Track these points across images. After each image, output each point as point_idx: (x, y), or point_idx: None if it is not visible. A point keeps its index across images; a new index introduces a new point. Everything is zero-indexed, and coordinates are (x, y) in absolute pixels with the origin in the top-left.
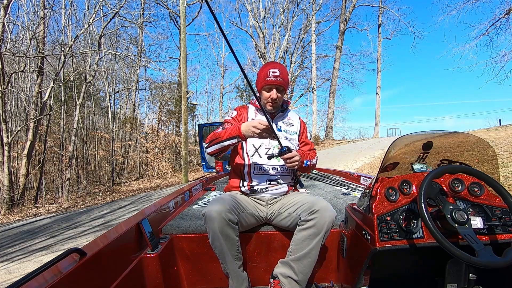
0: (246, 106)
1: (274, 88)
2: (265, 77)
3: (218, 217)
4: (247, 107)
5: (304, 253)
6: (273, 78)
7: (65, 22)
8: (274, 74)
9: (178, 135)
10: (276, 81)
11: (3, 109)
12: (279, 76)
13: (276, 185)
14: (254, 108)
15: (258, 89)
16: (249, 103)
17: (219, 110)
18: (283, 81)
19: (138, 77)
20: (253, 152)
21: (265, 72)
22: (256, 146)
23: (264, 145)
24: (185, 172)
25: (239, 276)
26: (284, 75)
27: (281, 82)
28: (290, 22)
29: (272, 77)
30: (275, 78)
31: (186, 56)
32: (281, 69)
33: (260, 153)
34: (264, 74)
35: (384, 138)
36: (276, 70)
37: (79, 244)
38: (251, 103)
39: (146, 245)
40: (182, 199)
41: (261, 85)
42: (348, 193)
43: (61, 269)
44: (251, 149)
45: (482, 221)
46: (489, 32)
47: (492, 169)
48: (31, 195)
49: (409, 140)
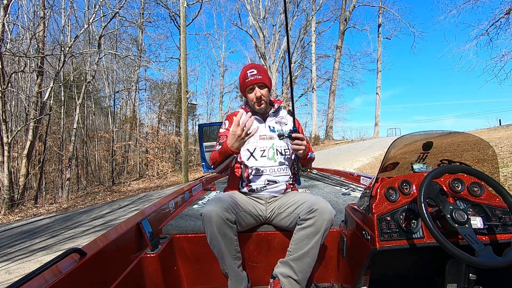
0: (237, 112)
1: (255, 87)
2: (244, 79)
3: (216, 217)
4: (237, 113)
5: (303, 252)
6: (251, 78)
7: (65, 22)
8: (251, 74)
9: (178, 135)
10: (255, 80)
11: (3, 109)
12: (256, 74)
13: (274, 183)
14: (244, 113)
15: (243, 94)
16: (240, 107)
17: (219, 110)
18: (262, 77)
19: (138, 77)
20: (248, 156)
21: (243, 75)
22: (250, 150)
23: (259, 147)
24: (185, 172)
25: (238, 276)
26: (261, 72)
27: (260, 79)
28: (290, 22)
29: (251, 77)
30: (253, 77)
31: (186, 56)
32: (257, 68)
33: (255, 156)
34: (243, 77)
35: (384, 138)
36: (253, 69)
37: (79, 244)
38: (241, 107)
39: (146, 245)
40: (182, 199)
41: (244, 89)
42: (348, 193)
43: (61, 269)
44: (246, 154)
45: (482, 221)
46: (489, 32)
47: (492, 169)
48: (31, 195)
49: (409, 140)
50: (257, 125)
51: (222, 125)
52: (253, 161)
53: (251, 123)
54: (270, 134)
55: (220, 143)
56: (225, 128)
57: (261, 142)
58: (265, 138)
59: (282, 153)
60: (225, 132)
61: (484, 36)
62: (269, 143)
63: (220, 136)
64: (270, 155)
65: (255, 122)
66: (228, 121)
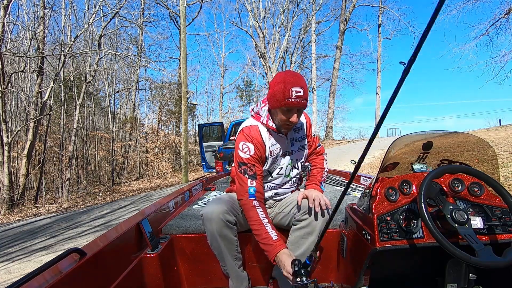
0: (257, 128)
1: (295, 110)
2: (286, 97)
3: (216, 218)
4: (258, 131)
5: (299, 253)
6: (296, 100)
7: (65, 22)
8: (298, 95)
9: (178, 135)
10: (299, 103)
11: (3, 109)
12: (302, 97)
13: (281, 195)
14: (266, 129)
15: (272, 106)
16: (256, 119)
17: (219, 110)
18: (306, 101)
19: (138, 77)
20: (265, 174)
21: (286, 91)
22: (270, 169)
23: (278, 166)
24: (185, 172)
25: (239, 276)
26: (307, 94)
27: (304, 103)
28: (290, 22)
29: (296, 99)
30: (299, 99)
31: (186, 56)
32: (304, 88)
33: (273, 174)
34: (285, 93)
35: (384, 138)
36: (300, 89)
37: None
38: (260, 122)
39: (146, 245)
40: (182, 199)
41: (279, 105)
42: (348, 193)
43: (61, 269)
44: (266, 174)
45: (482, 221)
46: (489, 32)
47: (492, 169)
48: (31, 195)
49: (409, 140)
50: (279, 147)
51: (244, 148)
52: (269, 178)
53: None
54: (291, 149)
55: (247, 172)
56: (249, 154)
57: (281, 160)
58: (285, 154)
59: (297, 166)
60: (251, 160)
61: (484, 36)
62: (288, 160)
63: (246, 164)
64: (287, 172)
65: (278, 142)
66: (250, 143)
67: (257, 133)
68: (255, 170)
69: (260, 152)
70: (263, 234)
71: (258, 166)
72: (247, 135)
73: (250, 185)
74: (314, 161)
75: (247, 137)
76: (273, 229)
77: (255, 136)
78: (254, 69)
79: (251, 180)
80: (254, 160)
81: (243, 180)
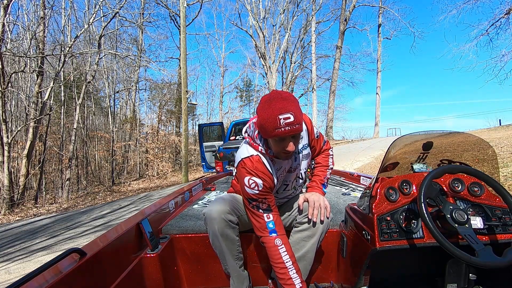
0: (259, 159)
1: (289, 139)
2: (275, 128)
3: (218, 218)
4: (261, 162)
5: (299, 255)
6: (287, 128)
7: (65, 22)
8: (287, 122)
9: (178, 135)
10: (291, 130)
11: (3, 109)
12: (293, 123)
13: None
14: (269, 162)
15: (263, 136)
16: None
17: (219, 110)
18: (300, 125)
19: (138, 77)
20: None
21: (273, 120)
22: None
23: (284, 182)
24: (185, 172)
25: (240, 275)
26: (298, 118)
27: (297, 129)
28: (290, 22)
29: (285, 127)
30: (290, 127)
31: (186, 56)
32: (294, 111)
33: (279, 190)
34: (273, 124)
35: (384, 138)
36: (289, 115)
37: (79, 244)
38: (258, 150)
39: (146, 245)
40: (182, 199)
41: (270, 137)
42: (348, 193)
43: (61, 269)
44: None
45: (482, 221)
46: (489, 32)
47: (492, 169)
48: (31, 195)
49: (409, 140)
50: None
51: (252, 185)
52: (274, 193)
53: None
54: (295, 164)
55: (265, 210)
56: (258, 190)
57: (287, 176)
58: (290, 171)
59: (301, 176)
60: (261, 194)
61: (484, 36)
62: (294, 175)
63: (256, 200)
64: (292, 185)
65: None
66: (257, 178)
67: (261, 165)
68: (268, 202)
69: (269, 183)
70: (287, 280)
71: (269, 197)
72: (251, 170)
73: (267, 220)
74: (317, 158)
75: (252, 171)
76: (298, 272)
77: (260, 169)
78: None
79: (267, 214)
80: (264, 193)
81: (258, 216)
